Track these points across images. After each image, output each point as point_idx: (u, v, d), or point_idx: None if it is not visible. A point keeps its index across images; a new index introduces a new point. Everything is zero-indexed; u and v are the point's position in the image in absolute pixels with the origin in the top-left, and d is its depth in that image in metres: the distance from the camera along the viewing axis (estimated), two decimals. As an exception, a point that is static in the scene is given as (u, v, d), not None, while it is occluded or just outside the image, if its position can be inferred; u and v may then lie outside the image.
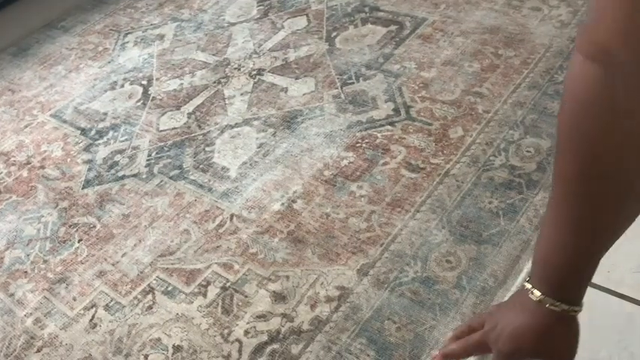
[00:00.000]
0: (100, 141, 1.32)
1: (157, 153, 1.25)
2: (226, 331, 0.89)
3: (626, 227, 0.55)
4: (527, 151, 1.05)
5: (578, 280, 0.58)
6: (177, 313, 0.93)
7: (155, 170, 1.20)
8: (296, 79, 1.35)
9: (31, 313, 0.98)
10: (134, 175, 1.20)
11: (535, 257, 0.59)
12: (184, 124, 1.31)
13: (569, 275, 0.57)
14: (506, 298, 0.83)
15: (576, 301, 0.58)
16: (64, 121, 1.40)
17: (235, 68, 1.44)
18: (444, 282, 0.88)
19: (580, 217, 0.54)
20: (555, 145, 0.54)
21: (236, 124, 1.27)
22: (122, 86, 1.48)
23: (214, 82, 1.41)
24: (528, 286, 0.59)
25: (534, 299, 0.58)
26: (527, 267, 0.87)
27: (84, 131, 1.36)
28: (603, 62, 0.47)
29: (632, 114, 0.47)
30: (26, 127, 1.42)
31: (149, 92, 1.44)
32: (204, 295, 0.94)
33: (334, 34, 1.47)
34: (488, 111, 1.14)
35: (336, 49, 1.41)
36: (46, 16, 1.85)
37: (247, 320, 0.89)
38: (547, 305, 0.57)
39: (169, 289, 0.96)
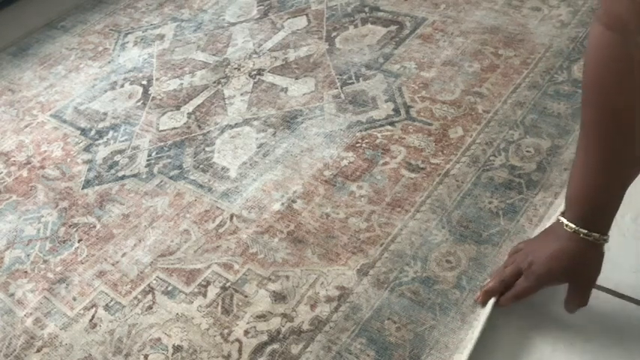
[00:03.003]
0: (100, 141, 1.32)
1: (156, 153, 1.25)
2: (226, 331, 0.89)
3: (638, 170, 0.66)
4: (527, 151, 1.05)
5: (605, 213, 0.69)
6: (177, 313, 0.93)
7: (155, 170, 1.20)
8: (296, 79, 1.35)
9: (31, 313, 0.98)
10: (134, 175, 1.20)
11: (568, 196, 0.72)
12: (184, 124, 1.31)
13: (597, 209, 0.68)
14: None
15: (604, 231, 0.70)
16: (64, 121, 1.41)
17: (235, 68, 1.44)
18: (443, 282, 0.88)
19: (602, 159, 0.65)
20: (582, 99, 0.65)
21: (236, 124, 1.27)
22: (122, 86, 1.48)
23: (214, 82, 1.41)
24: (563, 220, 0.71)
25: (570, 230, 0.70)
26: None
27: (84, 131, 1.36)
28: (620, 31, 0.56)
29: None
30: (26, 127, 1.42)
31: (149, 92, 1.44)
32: (204, 295, 0.94)
33: (334, 34, 1.47)
34: (488, 111, 1.14)
35: (336, 49, 1.41)
36: (46, 16, 1.86)
37: (247, 320, 0.89)
38: (581, 235, 0.69)
39: (169, 289, 0.97)
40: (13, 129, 1.42)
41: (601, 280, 0.83)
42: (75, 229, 1.11)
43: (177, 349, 0.88)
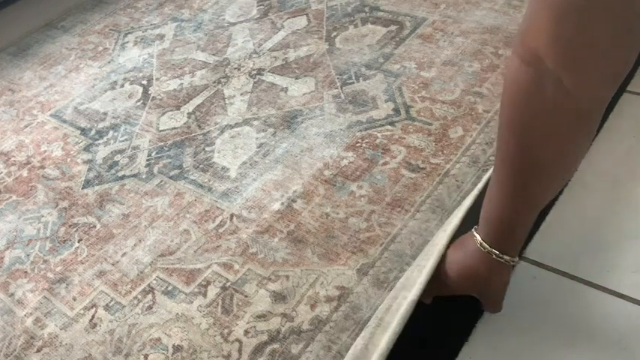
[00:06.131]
0: (100, 141, 1.32)
1: (156, 153, 1.25)
2: (226, 330, 0.89)
3: (550, 197, 0.70)
4: (527, 151, 1.05)
5: (517, 237, 0.72)
6: (177, 313, 0.93)
7: (155, 170, 1.20)
8: (296, 79, 1.35)
9: (31, 313, 0.99)
10: (134, 175, 1.20)
11: (483, 215, 0.73)
12: (184, 124, 1.31)
13: (510, 234, 0.71)
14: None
15: (514, 254, 0.72)
16: (64, 121, 1.41)
17: (235, 68, 1.44)
18: (443, 282, 0.88)
19: (514, 188, 0.66)
20: (498, 130, 0.65)
21: (236, 124, 1.27)
22: (122, 86, 1.48)
23: (214, 82, 1.41)
24: (478, 237, 0.74)
25: (484, 250, 0.72)
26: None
27: (84, 131, 1.36)
28: (534, 66, 0.55)
29: (557, 110, 0.56)
30: (26, 127, 1.42)
31: (149, 92, 1.44)
32: (204, 295, 0.94)
33: (334, 34, 1.47)
34: (488, 111, 1.14)
35: (336, 49, 1.41)
36: (46, 16, 1.86)
37: (247, 320, 0.89)
38: (493, 257, 0.72)
39: (169, 289, 0.97)
40: (13, 129, 1.42)
41: (601, 280, 0.83)
42: (75, 229, 1.12)
43: (177, 349, 0.88)
